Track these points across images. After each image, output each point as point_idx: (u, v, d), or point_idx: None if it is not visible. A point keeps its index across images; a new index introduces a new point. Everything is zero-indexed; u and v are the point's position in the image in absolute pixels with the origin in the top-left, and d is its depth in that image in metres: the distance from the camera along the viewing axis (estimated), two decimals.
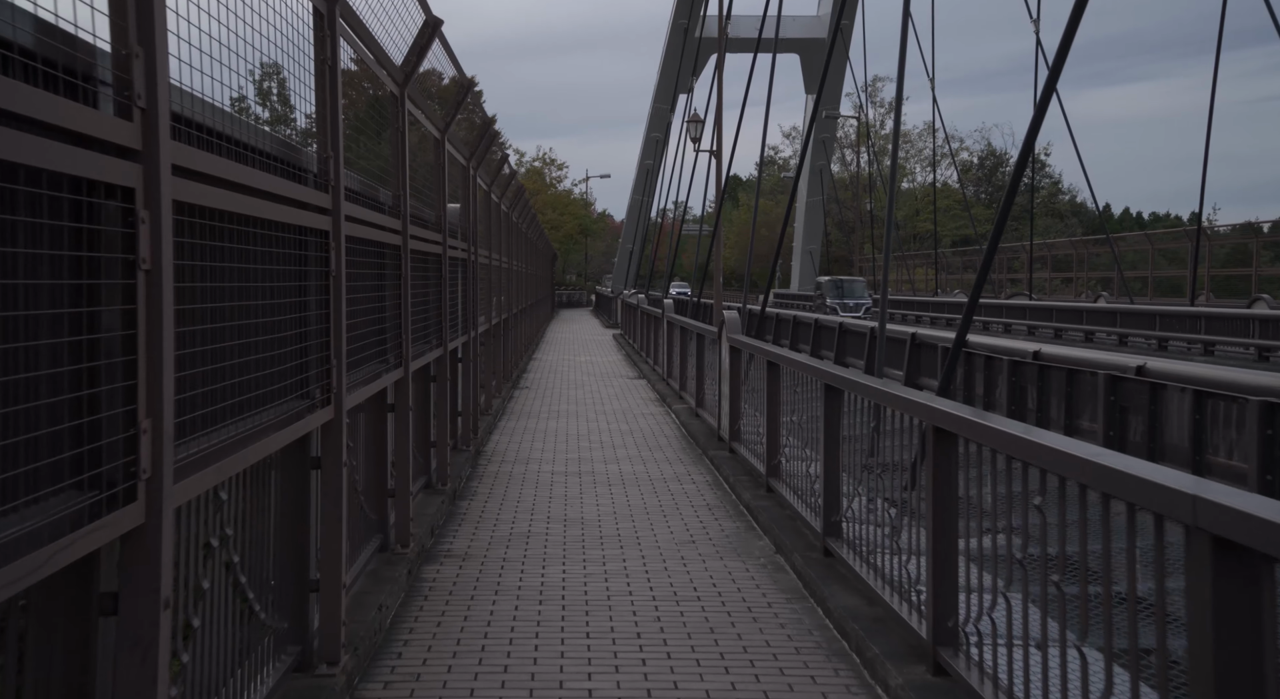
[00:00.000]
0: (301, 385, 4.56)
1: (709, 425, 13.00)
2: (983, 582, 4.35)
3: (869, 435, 6.22)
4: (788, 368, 8.47)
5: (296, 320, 4.49)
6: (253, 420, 3.77)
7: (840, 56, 53.45)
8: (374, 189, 6.61)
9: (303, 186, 4.46)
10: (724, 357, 11.67)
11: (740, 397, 11.05)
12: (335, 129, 4.74)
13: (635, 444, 12.59)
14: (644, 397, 17.97)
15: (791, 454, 8.57)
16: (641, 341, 26.12)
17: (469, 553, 7.40)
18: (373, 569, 6.34)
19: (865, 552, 6.14)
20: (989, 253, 8.92)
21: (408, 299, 6.91)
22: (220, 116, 3.44)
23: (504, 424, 14.27)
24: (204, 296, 3.31)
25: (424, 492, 8.70)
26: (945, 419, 4.53)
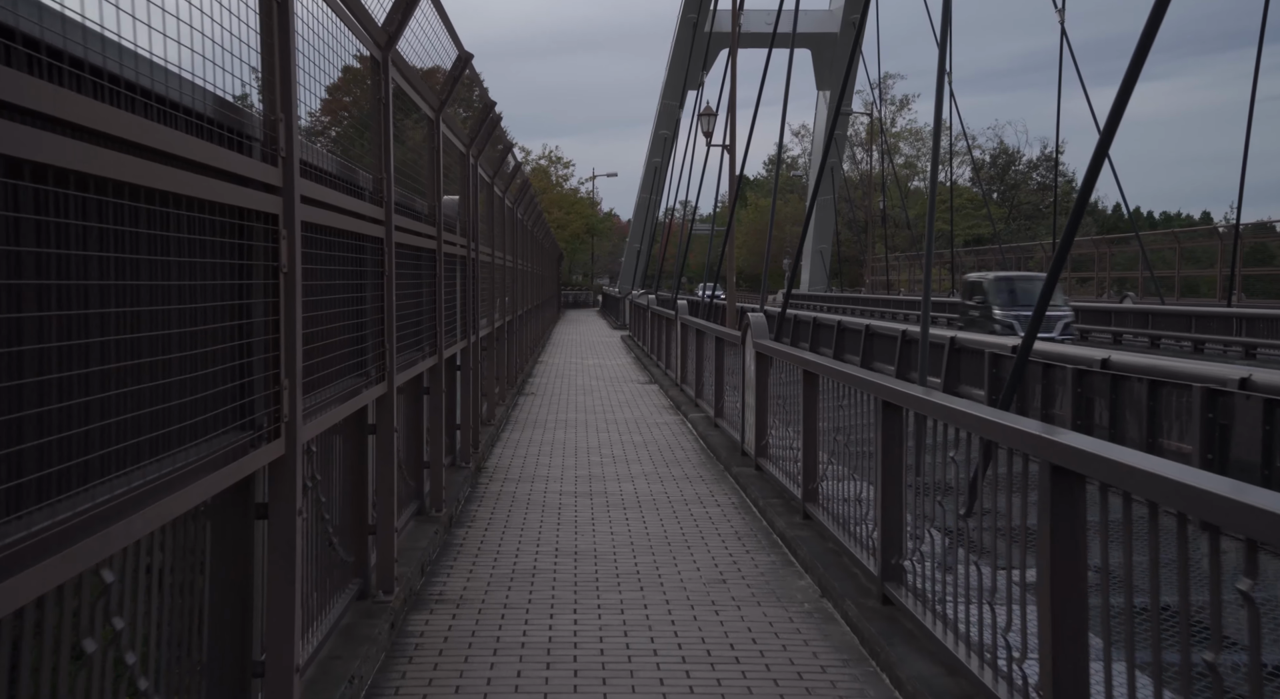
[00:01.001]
0: (240, 413, 3.54)
1: (730, 438, 11.96)
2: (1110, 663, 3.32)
3: (945, 466, 5.19)
4: (829, 380, 7.43)
5: (232, 330, 3.47)
6: None
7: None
8: (352, 171, 5.59)
9: (240, 156, 3.44)
10: (749, 364, 10.63)
11: (768, 408, 10.01)
12: (287, 84, 3.71)
13: (650, 458, 11.55)
14: (657, 403, 16.94)
15: (832, 474, 7.54)
16: (652, 344, 25.09)
17: (464, 596, 6.36)
18: (347, 624, 5.30)
19: (937, 602, 5.11)
20: (1061, 250, 7.86)
21: (392, 301, 5.88)
22: None
23: (508, 435, 13.24)
24: None
25: (416, 519, 7.67)
26: (1078, 459, 3.49)
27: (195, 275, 3.26)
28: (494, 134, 11.04)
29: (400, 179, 7.36)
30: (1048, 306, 14.22)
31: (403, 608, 5.91)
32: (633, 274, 61.26)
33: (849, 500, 7.04)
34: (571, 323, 51.23)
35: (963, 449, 4.80)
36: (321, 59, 4.52)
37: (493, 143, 12.16)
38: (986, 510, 4.46)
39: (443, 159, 9.62)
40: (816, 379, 7.88)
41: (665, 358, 21.11)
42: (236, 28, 3.41)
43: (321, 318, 4.52)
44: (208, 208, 3.32)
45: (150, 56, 2.69)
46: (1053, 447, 3.66)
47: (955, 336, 12.07)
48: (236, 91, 3.59)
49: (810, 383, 7.94)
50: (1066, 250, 7.79)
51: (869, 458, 6.59)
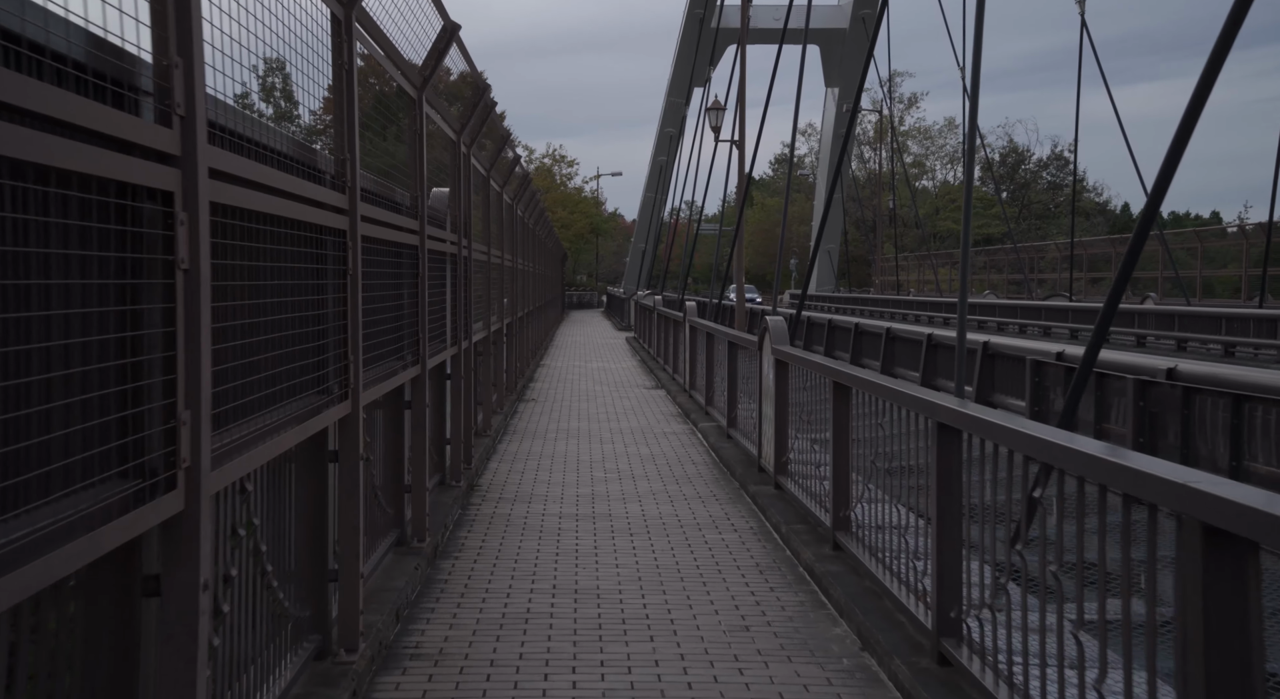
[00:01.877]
0: (123, 457, 2.63)
1: (745, 451, 11.04)
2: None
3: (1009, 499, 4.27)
4: (866, 394, 6.50)
5: (108, 347, 2.56)
6: None
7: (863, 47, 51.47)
8: (309, 153, 4.68)
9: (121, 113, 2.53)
10: (767, 371, 9.71)
11: (789, 421, 9.09)
12: (184, 11, 2.79)
13: (659, 474, 10.63)
14: (664, 411, 16.01)
15: (868, 499, 6.62)
16: (658, 347, 24.17)
17: (445, 649, 5.44)
18: (297, 696, 4.39)
19: (1010, 668, 4.19)
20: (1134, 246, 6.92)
21: (357, 304, 4.97)
22: None
23: (505, 447, 12.32)
24: None
25: (394, 552, 6.76)
26: (1245, 520, 2.56)
27: (59, 271, 2.37)
28: (489, 121, 10.13)
29: (376, 165, 6.46)
30: None
31: (369, 669, 4.99)
32: (638, 274, 60.34)
33: (886, 527, 6.14)
34: (575, 324, 50.33)
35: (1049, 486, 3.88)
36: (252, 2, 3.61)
37: (489, 132, 11.26)
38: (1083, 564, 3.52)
39: (429, 145, 8.71)
40: (849, 393, 6.96)
41: (673, 362, 20.19)
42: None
43: (252, 328, 3.61)
44: (76, 182, 2.42)
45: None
46: (1221, 506, 2.72)
47: (990, 341, 11.14)
48: (123, 32, 2.68)
49: (842, 396, 7.02)
50: (1136, 257, 6.84)
51: (914, 482, 5.68)
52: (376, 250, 5.94)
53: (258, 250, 3.68)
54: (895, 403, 5.79)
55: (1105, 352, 8.41)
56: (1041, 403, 9.15)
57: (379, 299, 6.03)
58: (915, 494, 5.59)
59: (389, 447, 6.87)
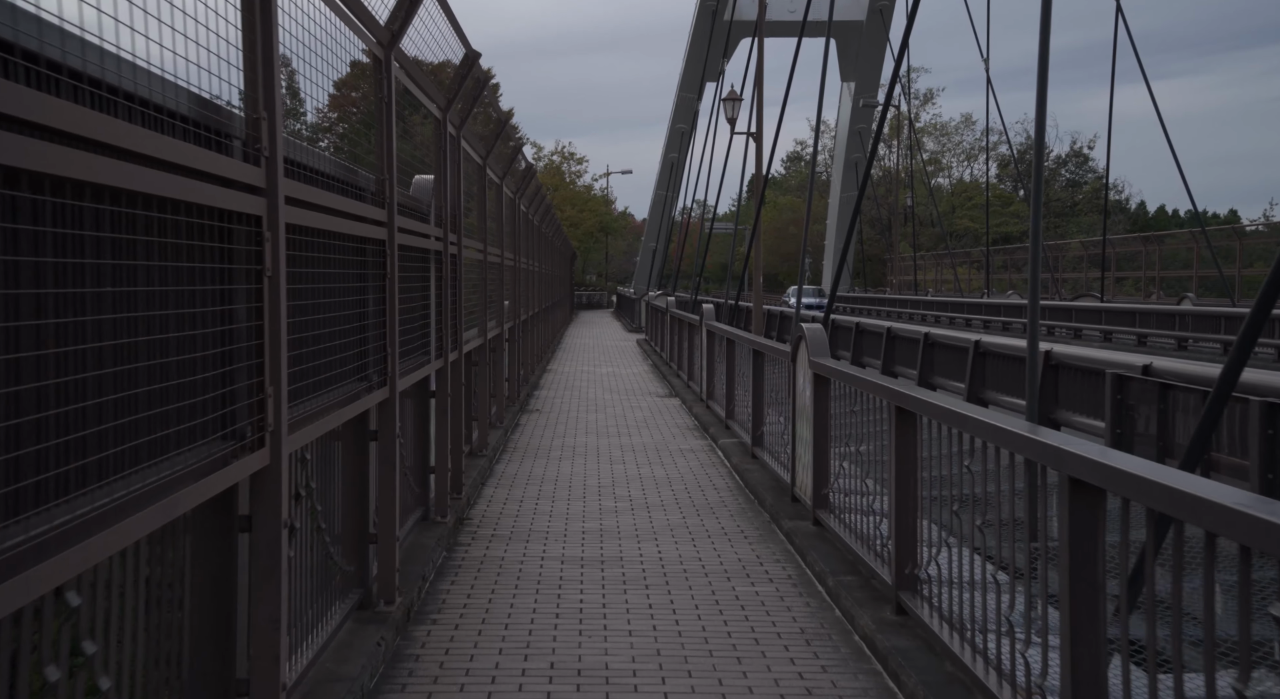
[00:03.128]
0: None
1: (774, 475, 9.71)
2: None
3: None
4: (940, 424, 5.17)
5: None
6: None
7: (880, 40, 50.11)
8: (211, 114, 3.39)
9: None
10: (802, 386, 8.39)
11: (830, 446, 7.77)
12: None
13: (677, 503, 9.31)
14: (680, 423, 14.69)
15: (938, 551, 5.31)
16: (671, 351, 22.84)
17: None
18: None
19: None
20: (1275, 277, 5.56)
21: (280, 316, 3.67)
22: None
23: (503, 468, 11.00)
24: None
25: (355, 620, 5.46)
26: None
27: None
28: (481, 98, 8.83)
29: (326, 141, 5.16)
30: None
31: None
32: (648, 274, 59.02)
33: (970, 585, 4.84)
34: (584, 325, 49.04)
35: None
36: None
37: (483, 114, 9.96)
38: None
39: (410, 127, 7.43)
40: (915, 421, 5.63)
41: (688, 368, 18.87)
42: None
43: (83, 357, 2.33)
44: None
45: None
46: None
47: (1052, 350, 9.80)
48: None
49: (906, 425, 5.69)
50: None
51: (1019, 541, 4.37)
52: (325, 246, 4.64)
53: (124, 245, 2.38)
54: (995, 442, 4.45)
55: (1210, 366, 7.11)
56: (1126, 425, 7.82)
57: (329, 309, 4.73)
58: (1006, 544, 4.26)
59: (349, 487, 5.57)
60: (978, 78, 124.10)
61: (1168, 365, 7.79)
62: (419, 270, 7.42)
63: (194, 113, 3.18)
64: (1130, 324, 26.53)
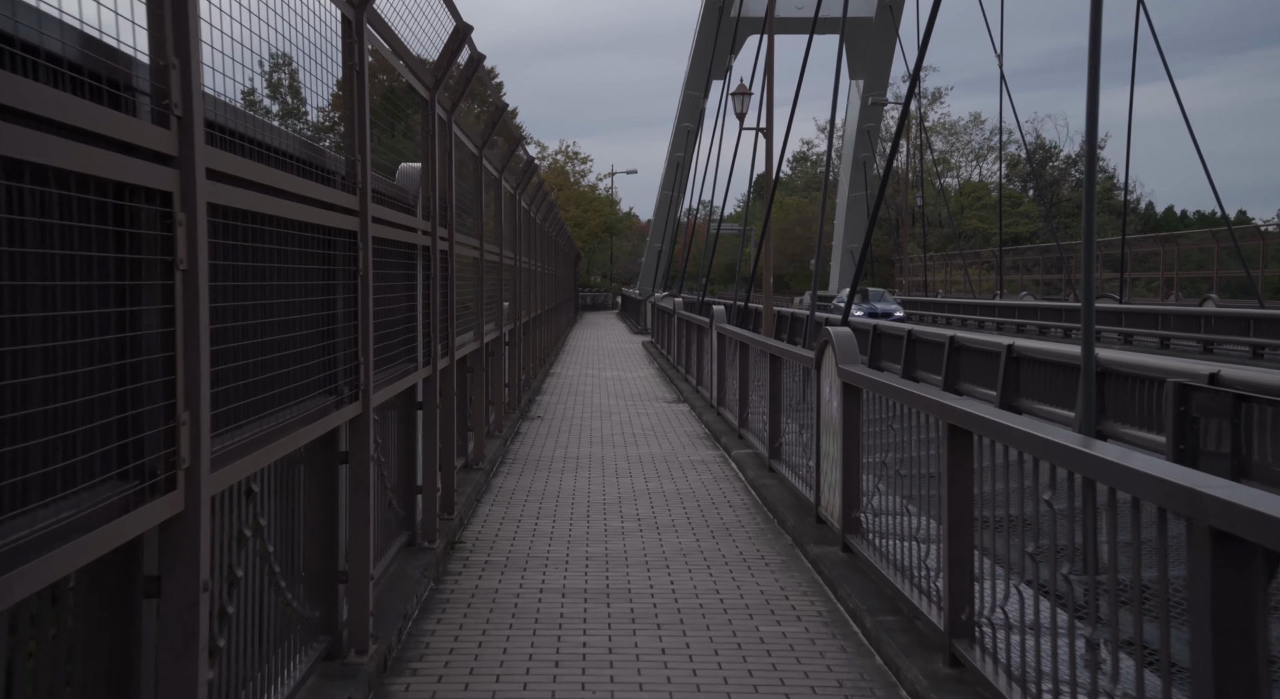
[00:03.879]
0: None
1: (795, 493, 8.92)
2: None
3: None
4: (1007, 446, 4.37)
5: None
6: None
7: (889, 37, 49.28)
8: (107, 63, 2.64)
9: None
10: (829, 397, 7.60)
11: (861, 463, 6.98)
12: None
13: (689, 523, 8.52)
14: (690, 431, 13.89)
15: (1004, 595, 4.53)
16: (679, 354, 22.05)
17: None
18: None
19: None
20: None
21: (196, 317, 2.89)
22: None
23: (501, 483, 10.22)
24: None
25: (319, 674, 4.68)
26: None
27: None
28: (475, 77, 8.04)
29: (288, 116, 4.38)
30: None
31: None
32: (653, 275, 58.23)
33: (1037, 630, 4.07)
34: (589, 326, 48.27)
35: None
36: None
37: (476, 96, 9.18)
38: None
39: (395, 109, 6.70)
40: (972, 442, 4.84)
41: (697, 372, 18.08)
42: None
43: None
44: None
45: None
46: None
47: (1098, 356, 8.99)
48: None
49: (961, 446, 4.90)
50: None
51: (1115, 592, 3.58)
52: (278, 235, 3.87)
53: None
54: (1088, 474, 3.65)
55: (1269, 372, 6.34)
56: (1190, 441, 7.02)
57: (274, 308, 3.95)
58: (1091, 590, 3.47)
59: (316, 518, 4.79)
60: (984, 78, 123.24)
61: (1239, 374, 6.99)
62: (403, 267, 6.65)
63: (77, 55, 2.49)
64: (1152, 326, 25.72)
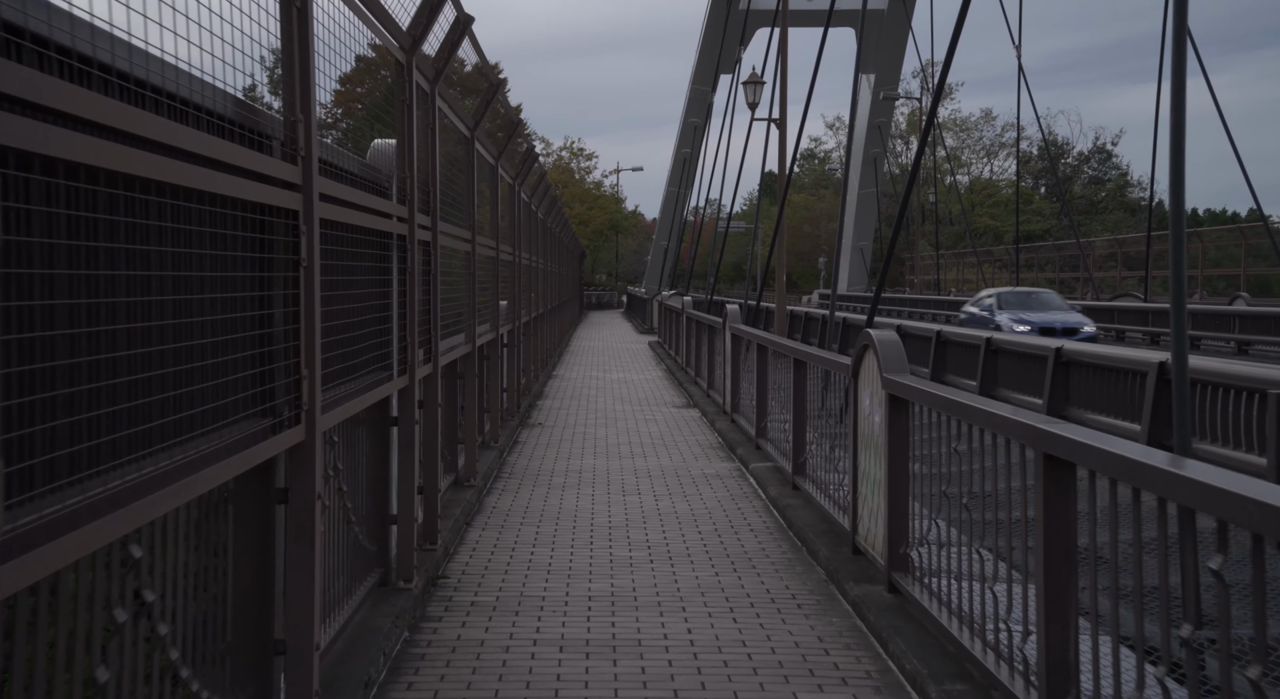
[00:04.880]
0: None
1: (824, 515, 7.90)
2: None
3: None
4: (1131, 484, 3.34)
5: None
6: None
7: (902, 30, 48.20)
8: None
9: None
10: (870, 411, 6.58)
11: (910, 490, 5.96)
12: None
13: (706, 551, 7.49)
14: (702, 441, 12.87)
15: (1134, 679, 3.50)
16: (688, 356, 21.02)
17: None
18: None
19: None
20: None
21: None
22: None
23: (494, 502, 9.19)
24: None
25: None
26: None
27: None
28: (463, 42, 7.02)
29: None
30: None
31: None
32: (660, 273, 57.19)
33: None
34: (594, 326, 47.24)
35: None
36: None
37: (470, 87, 8.15)
38: None
39: (367, 79, 5.55)
40: (1073, 475, 3.81)
41: (707, 376, 17.05)
42: None
43: None
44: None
45: None
46: None
47: (1165, 361, 7.98)
48: None
49: (1060, 480, 3.87)
50: None
51: None
52: (185, 211, 2.87)
53: None
54: None
55: None
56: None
57: (158, 307, 2.95)
58: None
59: (245, 575, 3.77)
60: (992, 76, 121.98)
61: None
62: (375, 260, 5.64)
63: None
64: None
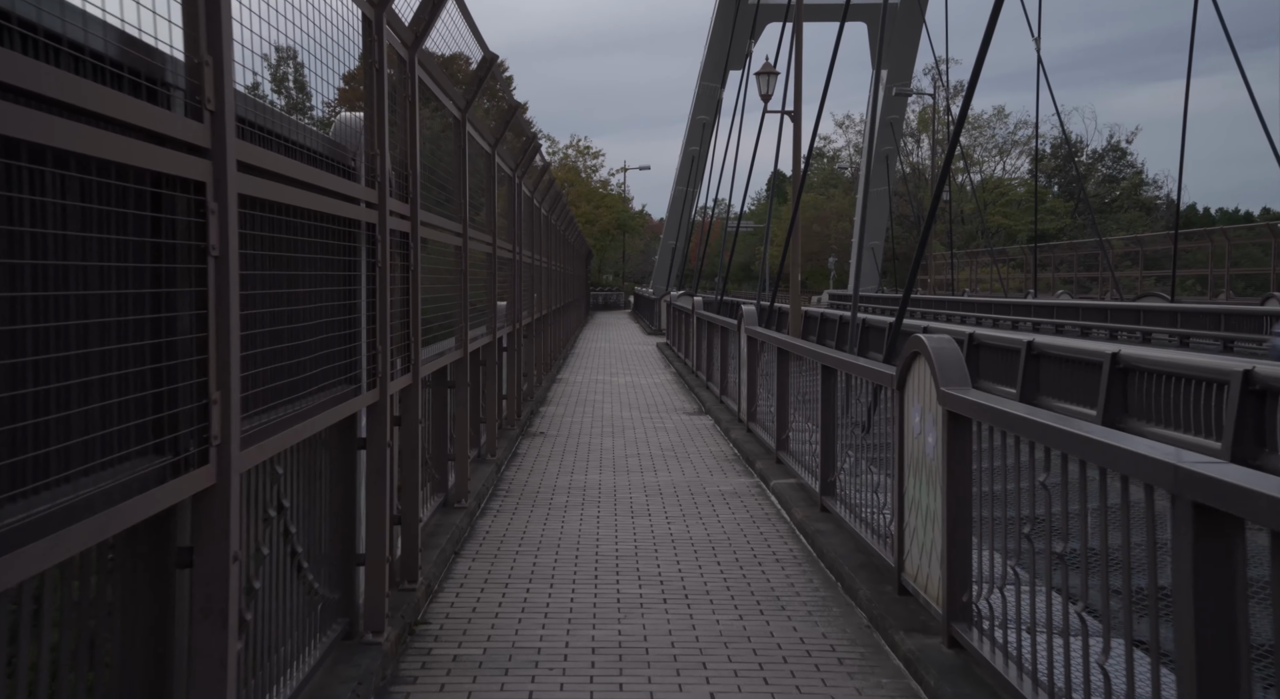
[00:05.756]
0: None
1: (860, 544, 6.94)
2: None
3: None
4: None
5: None
6: None
7: (915, 24, 47.21)
8: None
9: None
10: (920, 430, 5.62)
11: (971, 523, 5.01)
12: None
13: (727, 588, 6.54)
14: (716, 452, 11.92)
15: None
16: (699, 359, 20.08)
17: None
18: None
19: None
20: None
21: None
22: None
23: (488, 525, 8.25)
24: None
25: None
26: None
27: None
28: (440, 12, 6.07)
29: None
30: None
31: None
32: (668, 273, 56.23)
33: None
34: (600, 326, 46.31)
35: None
36: None
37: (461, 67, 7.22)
38: None
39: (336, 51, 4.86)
40: (1239, 533, 2.86)
41: (720, 380, 16.10)
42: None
43: None
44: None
45: None
46: None
47: (1254, 369, 7.00)
48: None
49: (1213, 535, 2.92)
50: None
51: None
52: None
53: None
54: None
55: None
56: None
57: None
58: None
59: (135, 663, 2.83)
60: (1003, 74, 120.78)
61: None
62: (337, 252, 4.71)
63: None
64: (1211, 326, 23.63)
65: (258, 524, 3.70)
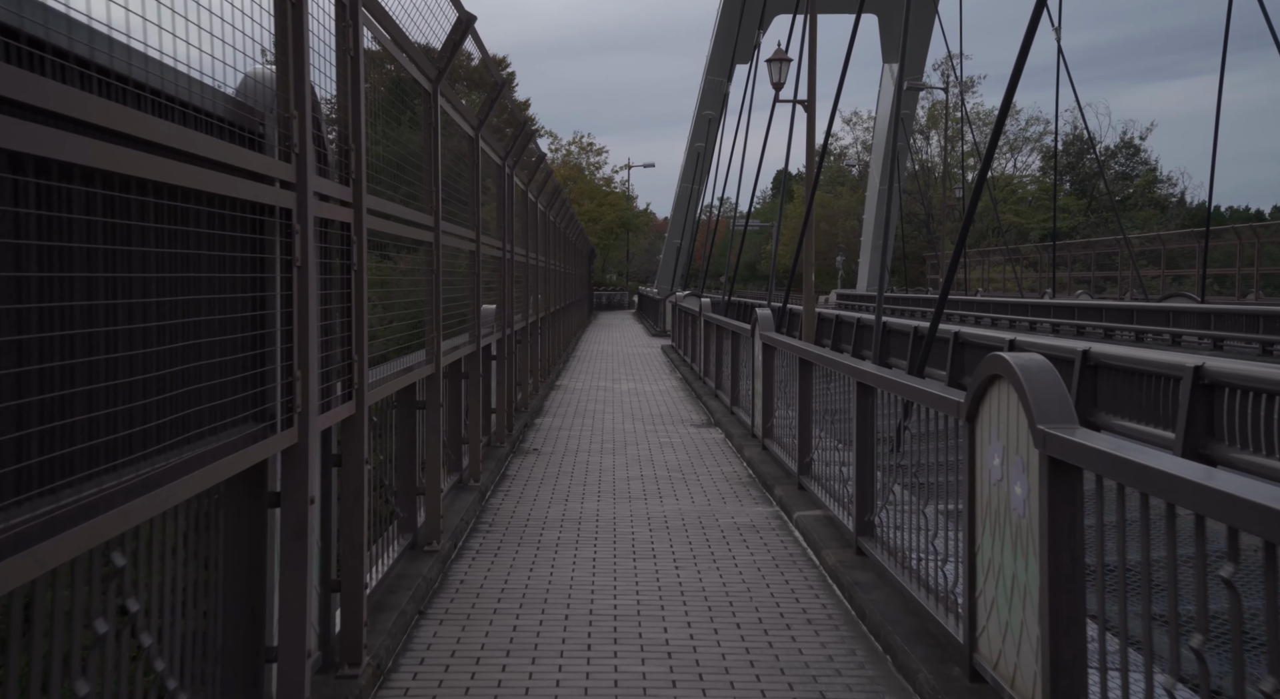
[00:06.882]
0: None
1: (913, 606, 5.67)
2: None
3: None
4: None
5: None
6: None
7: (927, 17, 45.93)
8: None
9: None
10: (1009, 479, 4.38)
11: (1084, 607, 3.76)
12: None
13: (751, 662, 5.28)
14: (729, 473, 10.67)
15: None
16: (706, 364, 18.83)
17: None
18: None
19: None
20: None
21: None
22: None
23: (464, 573, 6.99)
24: None
25: None
26: None
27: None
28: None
29: None
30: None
31: None
32: (672, 273, 54.99)
33: None
34: (604, 327, 45.06)
35: None
36: None
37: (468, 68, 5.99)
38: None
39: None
40: None
41: (731, 389, 14.84)
42: None
43: None
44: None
45: None
46: None
47: None
48: None
49: None
50: None
51: None
52: None
53: None
54: None
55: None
56: None
57: None
58: None
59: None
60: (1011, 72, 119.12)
61: None
62: (234, 246, 3.48)
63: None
64: (1250, 329, 22.36)
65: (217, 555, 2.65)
